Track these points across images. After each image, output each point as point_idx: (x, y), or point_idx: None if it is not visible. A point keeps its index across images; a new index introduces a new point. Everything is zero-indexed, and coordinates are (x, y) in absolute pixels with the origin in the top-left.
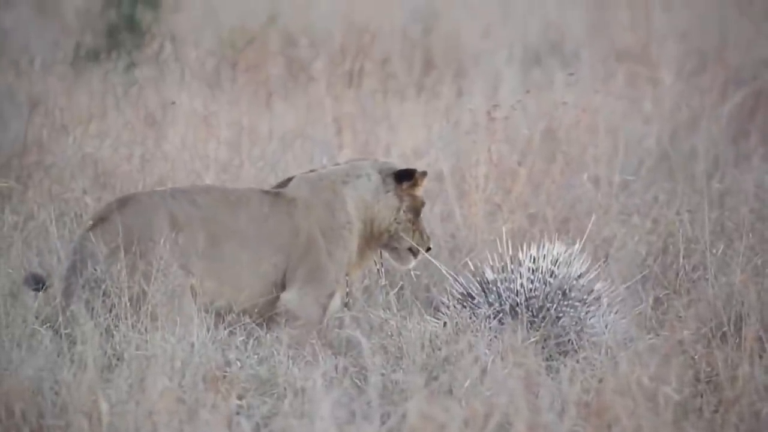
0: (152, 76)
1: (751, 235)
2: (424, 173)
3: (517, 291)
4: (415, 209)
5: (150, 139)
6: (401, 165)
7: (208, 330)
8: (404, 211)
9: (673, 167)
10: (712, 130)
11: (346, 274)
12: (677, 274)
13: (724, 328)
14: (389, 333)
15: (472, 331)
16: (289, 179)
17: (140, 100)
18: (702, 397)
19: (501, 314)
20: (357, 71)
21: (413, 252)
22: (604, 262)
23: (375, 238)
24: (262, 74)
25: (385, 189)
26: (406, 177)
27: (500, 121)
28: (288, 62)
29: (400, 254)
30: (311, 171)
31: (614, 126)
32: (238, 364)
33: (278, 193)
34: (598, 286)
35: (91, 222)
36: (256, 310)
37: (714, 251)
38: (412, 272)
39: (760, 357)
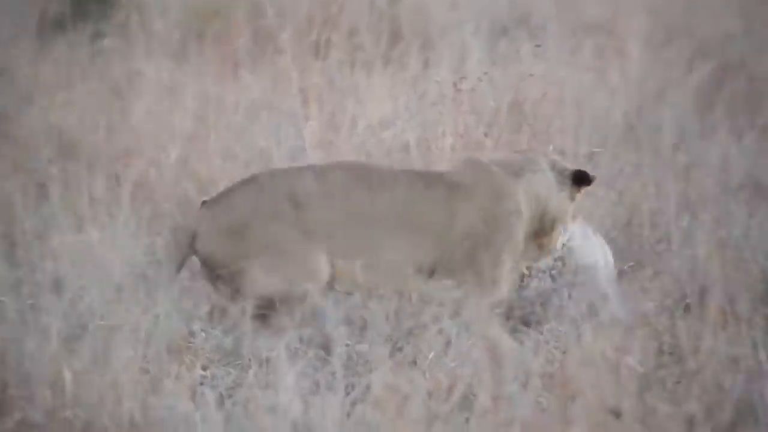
0: (118, 46)
1: (715, 207)
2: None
3: None
4: (575, 214)
5: (115, 110)
6: (569, 165)
7: (172, 301)
8: (573, 216)
9: (639, 139)
10: (678, 102)
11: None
12: (642, 246)
13: (688, 300)
14: (354, 304)
15: (436, 303)
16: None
17: (106, 71)
18: (665, 368)
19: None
20: (324, 42)
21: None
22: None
23: (533, 239)
24: (229, 45)
25: (560, 188)
26: (584, 180)
27: (467, 93)
28: (255, 33)
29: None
30: (478, 156)
31: (580, 98)
32: (203, 335)
33: (438, 176)
34: (563, 257)
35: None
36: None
37: (679, 223)
38: None
39: (723, 329)
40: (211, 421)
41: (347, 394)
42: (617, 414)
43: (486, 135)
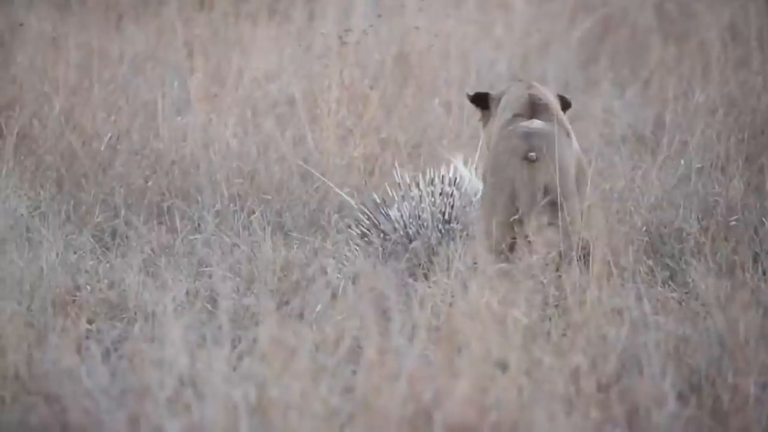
0: None
1: (599, 159)
2: None
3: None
4: None
5: None
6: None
7: (57, 254)
8: None
9: None
10: (561, 55)
11: None
12: None
13: (573, 253)
14: (241, 257)
15: (324, 256)
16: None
17: None
18: (550, 320)
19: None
20: None
21: None
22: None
23: None
24: None
25: None
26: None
27: (352, 46)
28: None
29: None
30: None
31: (466, 51)
32: (88, 288)
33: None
34: (449, 210)
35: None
36: None
37: None
38: (263, 195)
39: (608, 281)
40: (96, 374)
41: (234, 347)
42: (503, 366)
43: (372, 88)
